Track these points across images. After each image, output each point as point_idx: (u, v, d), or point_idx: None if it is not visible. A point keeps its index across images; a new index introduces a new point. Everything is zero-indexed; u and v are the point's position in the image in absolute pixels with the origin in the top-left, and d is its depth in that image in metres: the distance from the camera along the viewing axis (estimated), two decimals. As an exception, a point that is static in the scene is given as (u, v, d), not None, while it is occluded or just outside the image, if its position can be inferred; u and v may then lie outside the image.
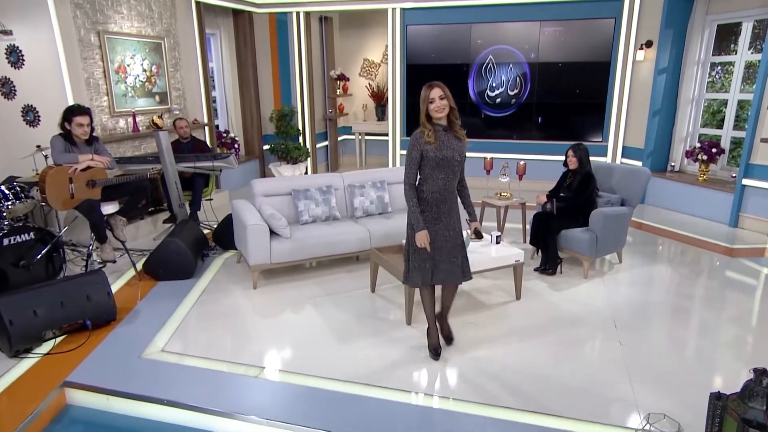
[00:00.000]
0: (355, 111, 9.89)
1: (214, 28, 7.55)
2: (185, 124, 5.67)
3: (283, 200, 4.69)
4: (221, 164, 5.14)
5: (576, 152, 4.50)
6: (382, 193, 4.95)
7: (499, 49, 7.65)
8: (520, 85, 7.68)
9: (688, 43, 6.52)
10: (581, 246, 4.44)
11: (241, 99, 8.11)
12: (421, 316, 3.67)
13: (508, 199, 5.29)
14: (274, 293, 4.21)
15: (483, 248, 4.06)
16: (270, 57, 8.33)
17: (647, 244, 5.44)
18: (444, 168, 2.95)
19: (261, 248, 4.18)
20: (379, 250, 4.10)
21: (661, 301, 4.11)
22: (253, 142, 8.32)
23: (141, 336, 3.50)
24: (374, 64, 9.62)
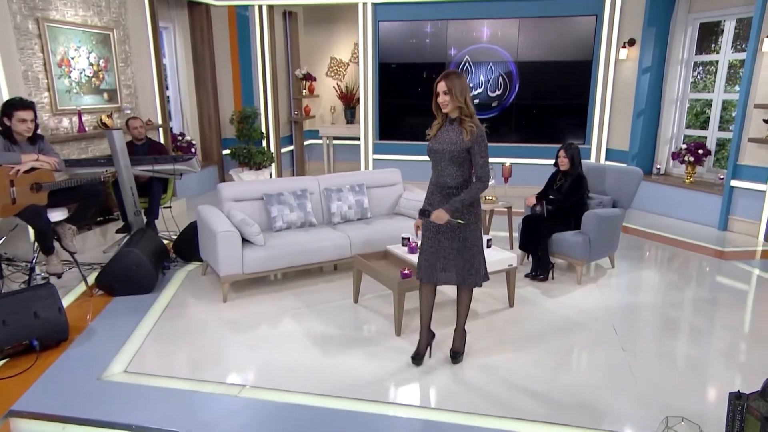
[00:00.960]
0: (323, 113, 9.91)
1: (167, 21, 7.46)
2: (140, 124, 5.56)
3: (254, 205, 4.65)
4: (183, 167, 5.06)
5: (567, 152, 4.63)
6: (361, 198, 4.97)
7: (477, 48, 7.84)
8: (503, 86, 7.87)
9: (671, 41, 6.86)
10: (574, 250, 4.55)
11: (197, 99, 8.01)
12: (412, 325, 3.68)
13: (494, 202, 5.37)
14: (247, 307, 4.15)
15: None
16: (230, 54, 8.28)
17: (636, 249, 5.62)
18: (438, 161, 3.04)
19: (232, 257, 4.12)
20: (363, 256, 4.10)
21: (660, 304, 4.25)
22: (211, 146, 8.21)
23: (98, 356, 3.38)
24: (342, 63, 9.69)
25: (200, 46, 7.85)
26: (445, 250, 3.11)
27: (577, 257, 4.55)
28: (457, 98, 2.93)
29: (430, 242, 3.13)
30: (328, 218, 4.93)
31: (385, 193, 5.20)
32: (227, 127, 8.37)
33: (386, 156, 8.16)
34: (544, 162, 7.43)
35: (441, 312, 3.96)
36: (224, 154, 8.37)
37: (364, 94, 8.18)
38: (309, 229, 4.67)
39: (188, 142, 7.45)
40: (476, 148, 2.94)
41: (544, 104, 7.84)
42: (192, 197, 7.39)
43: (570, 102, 7.73)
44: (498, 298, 4.29)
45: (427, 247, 3.15)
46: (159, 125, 6.61)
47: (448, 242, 3.10)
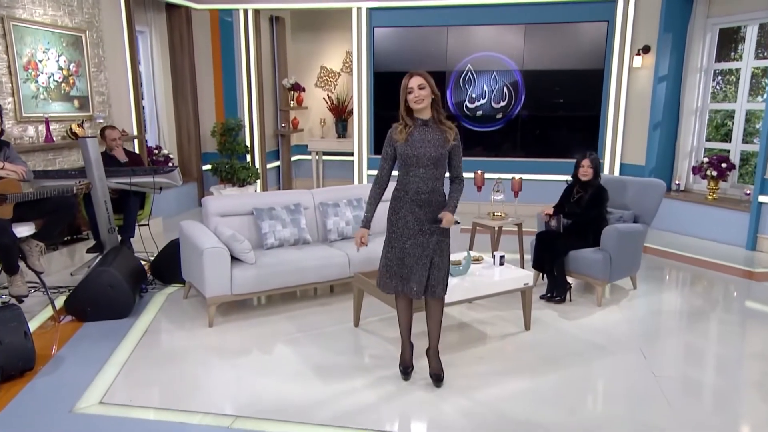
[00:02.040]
0: (311, 126, 9.96)
1: (143, 25, 7.52)
2: (118, 135, 5.54)
3: (242, 221, 4.64)
4: (163, 180, 5.04)
5: (592, 161, 4.67)
6: (360, 213, 4.96)
7: (480, 56, 7.97)
8: (508, 97, 7.98)
9: (689, 48, 7.03)
10: (593, 269, 4.57)
11: (175, 109, 8.03)
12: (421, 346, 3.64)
13: (503, 219, 5.40)
14: (236, 331, 4.10)
15: (485, 271, 4.12)
16: (211, 61, 8.34)
17: (657, 269, 5.67)
18: (415, 167, 3.13)
19: (220, 277, 4.09)
20: (365, 275, 4.09)
21: (691, 328, 4.26)
22: (190, 160, 8.20)
23: (70, 387, 3.30)
24: (333, 72, 9.79)
25: (179, 53, 7.90)
26: (414, 258, 3.14)
27: (597, 277, 4.56)
28: (435, 91, 3.05)
29: (399, 250, 3.17)
30: (323, 235, 4.92)
31: (384, 208, 5.11)
32: (208, 140, 8.37)
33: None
34: (552, 178, 7.50)
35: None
36: (204, 170, 8.36)
37: (358, 105, 8.25)
38: (303, 246, 4.66)
39: (165, 156, 7.43)
40: (457, 150, 3.13)
41: (553, 116, 7.95)
42: (169, 216, 7.34)
43: (580, 114, 7.84)
44: (510, 321, 4.28)
45: (395, 255, 3.19)
46: (134, 137, 6.60)
47: (419, 250, 3.13)
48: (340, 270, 4.52)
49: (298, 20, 9.69)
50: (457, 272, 3.96)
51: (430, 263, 3.16)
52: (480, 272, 4.07)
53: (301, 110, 9.63)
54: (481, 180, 5.44)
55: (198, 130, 8.20)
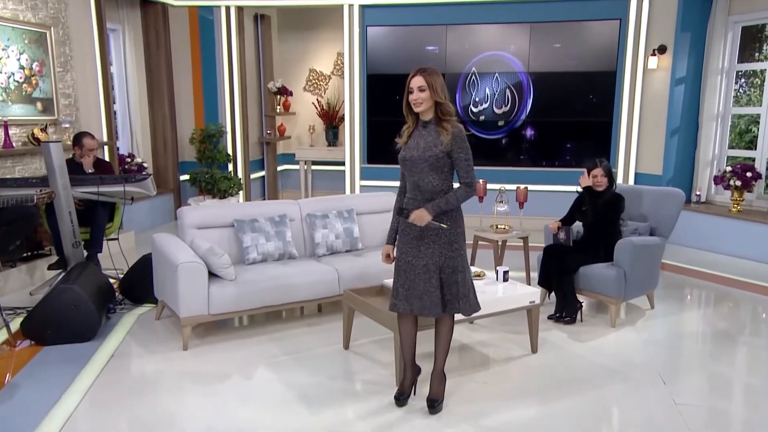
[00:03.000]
0: (299, 134, 9.97)
1: (115, 22, 7.54)
2: (97, 145, 5.50)
3: (222, 234, 4.64)
4: (135, 189, 5.02)
5: (605, 170, 4.68)
6: (351, 225, 4.98)
7: (481, 57, 8.01)
8: (511, 101, 8.02)
9: (709, 48, 7.07)
10: (606, 286, 4.55)
11: (150, 114, 8.03)
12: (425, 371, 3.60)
13: (507, 232, 5.40)
14: (213, 354, 4.07)
15: (487, 287, 4.09)
16: (190, 62, 8.36)
17: (677, 287, 5.66)
18: (413, 172, 3.16)
19: (196, 294, 4.05)
20: (356, 292, 4.06)
21: (716, 353, 4.24)
22: (166, 170, 8.19)
23: (25, 416, 3.25)
24: (323, 75, 9.82)
25: (155, 53, 7.92)
26: (418, 272, 3.13)
27: (611, 295, 4.55)
28: (438, 94, 3.03)
29: (405, 264, 3.17)
30: (311, 249, 4.92)
31: (378, 220, 5.19)
32: (186, 147, 8.36)
33: (376, 182, 8.18)
34: (560, 189, 7.49)
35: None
36: (182, 180, 8.33)
37: (350, 110, 8.26)
38: (289, 261, 4.65)
39: (139, 165, 7.42)
40: (457, 150, 3.06)
41: (561, 122, 7.98)
42: (142, 230, 7.30)
43: (591, 119, 7.88)
44: (516, 343, 4.25)
45: (402, 270, 3.19)
46: (104, 143, 6.58)
47: (422, 263, 3.13)
48: (328, 287, 4.51)
49: (286, 19, 9.74)
50: None
51: (440, 278, 3.13)
52: (482, 289, 3.99)
53: (288, 116, 9.64)
54: (483, 190, 5.42)
55: (175, 136, 8.19)
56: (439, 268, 3.14)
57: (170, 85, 8.06)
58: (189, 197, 8.23)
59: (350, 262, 4.69)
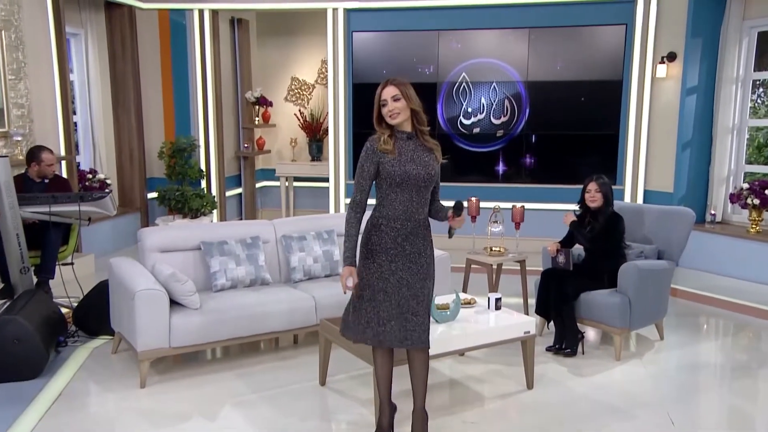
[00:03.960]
0: (280, 147, 9.96)
1: (76, 26, 7.53)
2: (54, 160, 5.47)
3: (188, 258, 4.64)
4: (91, 208, 4.99)
5: (601, 185, 4.70)
6: (331, 248, 4.97)
7: (476, 64, 8.04)
8: (509, 112, 8.05)
9: (723, 55, 7.11)
10: (610, 315, 4.53)
11: (115, 126, 8.01)
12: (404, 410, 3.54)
13: (502, 254, 5.38)
14: (174, 392, 4.02)
15: (477, 316, 4.08)
16: (160, 70, 8.35)
17: (689, 316, 5.65)
18: (407, 188, 3.14)
19: (155, 326, 4.01)
20: (334, 322, 4.00)
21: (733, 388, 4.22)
22: (132, 187, 8.15)
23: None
24: (306, 84, 9.84)
25: (121, 59, 7.91)
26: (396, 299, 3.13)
27: (615, 324, 4.53)
28: (413, 102, 3.10)
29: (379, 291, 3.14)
30: (286, 274, 4.92)
31: None
32: (155, 163, 8.33)
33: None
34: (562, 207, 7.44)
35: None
36: (150, 198, 8.29)
37: (334, 122, 8.26)
38: (261, 288, 4.64)
39: (101, 182, 7.38)
40: (439, 170, 3.23)
41: (563, 134, 7.99)
42: (104, 254, 7.22)
43: (596, 131, 7.90)
44: (510, 377, 4.23)
45: (372, 296, 3.16)
46: (62, 157, 6.55)
47: (402, 290, 3.13)
48: (304, 316, 4.49)
49: (266, 23, 9.77)
50: (444, 318, 3.91)
51: (410, 306, 3.14)
52: (472, 318, 4.03)
53: (268, 128, 9.63)
54: (476, 209, 5.42)
55: (142, 150, 8.16)
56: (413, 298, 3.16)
57: (137, 94, 8.04)
58: (158, 217, 8.18)
59: (329, 288, 4.64)
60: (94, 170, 7.59)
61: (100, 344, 4.74)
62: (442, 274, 4.81)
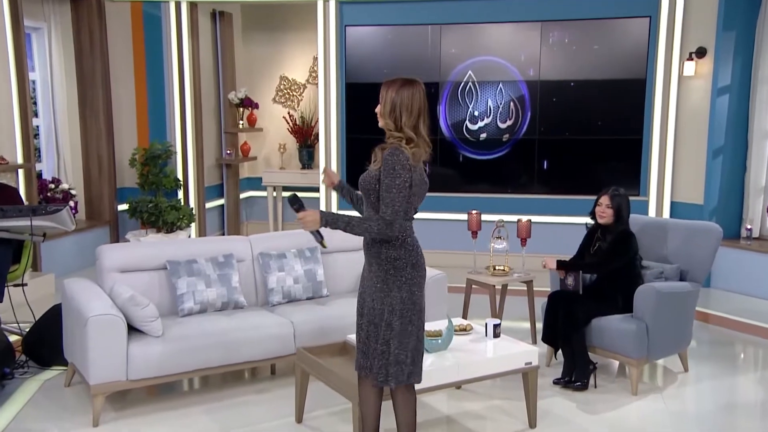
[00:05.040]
0: (268, 154, 9.95)
1: (38, 19, 7.53)
2: None
3: (152, 278, 4.64)
4: (45, 223, 4.95)
5: (613, 199, 4.67)
6: (314, 267, 4.98)
7: (482, 62, 8.03)
8: (515, 114, 8.02)
9: (759, 51, 7.06)
10: (624, 343, 4.49)
11: (82, 131, 8.02)
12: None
13: (506, 274, 5.35)
14: (132, 431, 3.99)
15: (473, 345, 4.06)
16: (133, 69, 8.38)
17: (720, 345, 5.59)
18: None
19: (111, 356, 3.99)
20: (311, 351, 4.00)
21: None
22: (100, 198, 8.16)
23: None
24: (297, 84, 9.85)
25: (88, 57, 7.93)
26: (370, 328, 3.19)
27: (630, 354, 4.49)
28: (384, 110, 3.11)
29: (359, 316, 3.27)
30: (263, 297, 4.91)
31: (349, 260, 5.19)
32: (126, 171, 8.33)
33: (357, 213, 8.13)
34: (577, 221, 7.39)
35: None
36: (120, 211, 8.28)
37: (326, 126, 8.25)
38: (234, 312, 4.63)
39: (65, 192, 7.38)
40: (383, 176, 3.04)
41: (579, 139, 7.97)
42: (67, 273, 7.19)
43: (616, 136, 7.86)
44: (512, 414, 4.20)
45: (358, 322, 3.30)
46: (18, 165, 6.55)
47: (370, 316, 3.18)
48: (282, 344, 4.48)
49: (251, 17, 9.79)
50: (434, 347, 3.88)
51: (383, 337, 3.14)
52: (466, 347, 4.01)
53: (253, 132, 9.64)
54: (477, 223, 5.39)
55: (112, 157, 8.17)
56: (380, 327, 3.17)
57: (107, 95, 8.05)
58: (129, 231, 8.17)
59: (310, 312, 4.67)
60: (57, 179, 7.59)
61: (52, 376, 4.71)
62: (437, 295, 4.87)
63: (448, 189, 8.07)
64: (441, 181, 8.12)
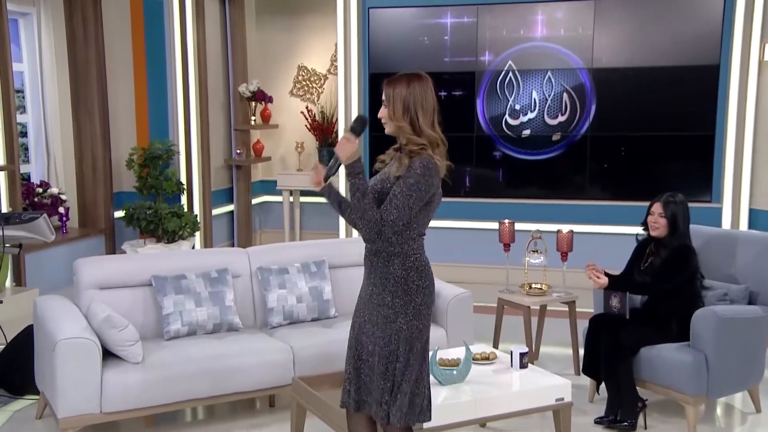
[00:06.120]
0: (284, 154, 9.97)
1: (25, 4, 7.61)
2: None
3: (135, 296, 4.67)
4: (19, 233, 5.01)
5: (666, 207, 4.58)
6: (320, 284, 4.97)
7: (527, 49, 7.98)
8: (569, 109, 7.95)
9: None
10: (680, 377, 4.38)
11: (75, 129, 8.07)
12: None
13: (544, 294, 5.31)
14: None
15: (495, 376, 4.02)
16: (132, 59, 8.43)
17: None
18: None
19: (82, 385, 3.98)
20: (308, 381, 3.98)
21: None
22: (95, 203, 8.19)
23: None
24: (317, 75, 9.85)
25: (82, 46, 7.98)
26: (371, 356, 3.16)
27: (687, 391, 4.38)
28: (396, 112, 3.02)
29: (355, 341, 3.24)
30: (262, 318, 4.92)
31: (360, 276, 4.97)
32: (124, 173, 8.38)
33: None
34: (630, 231, 7.32)
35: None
36: (117, 218, 8.34)
37: (346, 122, 8.24)
38: (227, 335, 4.63)
39: (54, 197, 7.45)
40: (401, 183, 2.97)
41: (641, 136, 7.88)
42: (55, 288, 7.25)
43: (683, 132, 7.74)
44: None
45: (349, 347, 3.27)
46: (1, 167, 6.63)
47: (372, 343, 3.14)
48: (280, 372, 4.47)
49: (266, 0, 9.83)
50: (450, 379, 3.84)
51: (385, 369, 3.07)
52: (487, 378, 3.96)
53: (268, 129, 9.67)
54: (509, 234, 5.34)
55: (108, 158, 8.19)
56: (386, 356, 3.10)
57: (102, 88, 8.08)
58: (126, 240, 8.22)
59: (313, 336, 4.66)
60: (46, 183, 7.67)
61: (24, 406, 4.74)
62: (460, 318, 4.88)
63: (481, 193, 8.10)
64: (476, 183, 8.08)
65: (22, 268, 6.97)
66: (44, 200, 7.39)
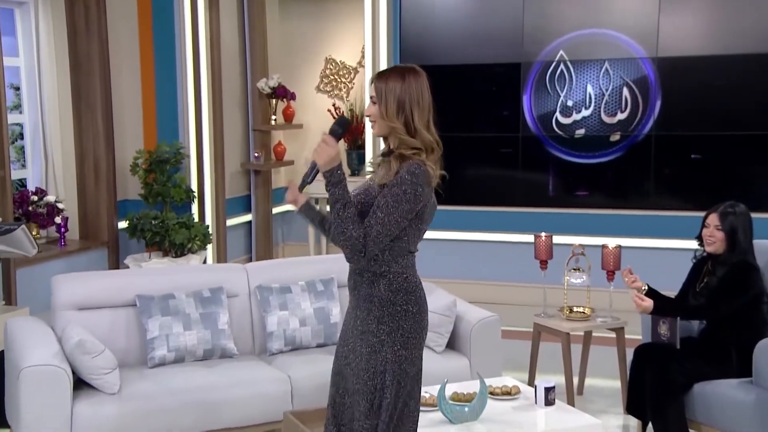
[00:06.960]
0: (309, 157, 9.85)
1: (22, -7, 7.73)
2: None
3: (117, 317, 4.70)
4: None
5: (725, 219, 4.48)
6: (327, 305, 4.97)
7: (580, 37, 7.90)
8: (630, 105, 7.87)
9: None
10: (741, 418, 4.29)
11: (76, 130, 8.14)
12: None
13: (587, 318, 5.27)
14: None
15: (516, 414, 3.99)
16: (138, 53, 8.47)
17: None
18: None
19: (49, 418, 4.00)
20: (302, 417, 3.91)
21: None
22: (97, 212, 8.24)
23: None
24: (346, 68, 9.86)
25: (84, 38, 8.03)
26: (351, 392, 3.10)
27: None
28: (388, 110, 2.96)
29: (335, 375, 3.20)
30: (261, 343, 4.94)
31: None
32: (130, 180, 8.42)
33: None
34: (688, 245, 7.22)
35: None
36: (121, 229, 8.38)
37: (375, 121, 8.18)
38: (219, 363, 4.65)
39: (50, 206, 7.49)
40: (386, 193, 2.90)
41: (714, 136, 7.79)
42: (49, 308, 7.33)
43: (759, 131, 7.64)
44: None
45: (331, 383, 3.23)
46: (-11, 173, 6.70)
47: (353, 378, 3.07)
48: (276, 405, 4.43)
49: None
50: (461, 417, 3.79)
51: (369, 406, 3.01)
52: (506, 417, 3.93)
53: (291, 130, 9.68)
54: (547, 250, 5.26)
55: (112, 162, 8.24)
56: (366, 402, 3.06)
57: (106, 86, 8.12)
58: (130, 254, 8.24)
59: (316, 364, 4.60)
60: (42, 190, 7.71)
61: (-7, 440, 4.78)
62: (487, 345, 4.83)
63: (525, 202, 8.11)
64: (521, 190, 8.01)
65: (13, 285, 7.00)
66: (39, 209, 7.42)
